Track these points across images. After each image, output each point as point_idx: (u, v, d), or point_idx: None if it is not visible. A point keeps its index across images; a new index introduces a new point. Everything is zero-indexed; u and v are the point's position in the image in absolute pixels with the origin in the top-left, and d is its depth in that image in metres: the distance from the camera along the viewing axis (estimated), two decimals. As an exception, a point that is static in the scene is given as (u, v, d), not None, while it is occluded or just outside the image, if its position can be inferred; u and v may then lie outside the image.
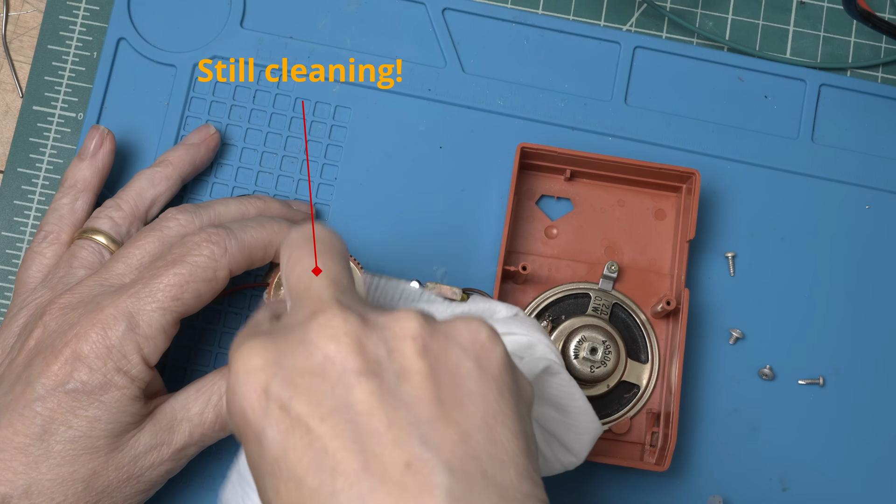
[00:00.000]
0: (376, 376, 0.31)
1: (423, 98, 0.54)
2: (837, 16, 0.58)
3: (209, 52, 0.54)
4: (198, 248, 0.42)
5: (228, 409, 0.33)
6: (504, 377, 0.32)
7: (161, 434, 0.42)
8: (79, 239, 0.47)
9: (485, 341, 0.33)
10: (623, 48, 0.55)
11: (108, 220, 0.47)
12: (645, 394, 0.52)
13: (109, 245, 0.46)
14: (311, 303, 0.33)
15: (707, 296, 0.53)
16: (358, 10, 0.56)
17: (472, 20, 0.56)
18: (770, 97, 0.56)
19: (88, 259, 0.46)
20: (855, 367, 0.53)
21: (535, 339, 0.42)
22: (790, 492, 0.52)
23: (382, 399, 0.30)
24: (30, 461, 0.40)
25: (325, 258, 0.35)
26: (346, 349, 0.31)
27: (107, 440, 0.41)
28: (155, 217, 0.48)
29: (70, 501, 0.40)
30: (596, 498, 0.51)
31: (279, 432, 0.30)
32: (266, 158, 0.54)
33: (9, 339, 0.44)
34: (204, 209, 0.47)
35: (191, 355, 0.52)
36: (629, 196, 0.54)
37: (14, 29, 0.56)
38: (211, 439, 0.44)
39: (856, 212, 0.55)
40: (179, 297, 0.42)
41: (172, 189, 0.49)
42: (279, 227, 0.45)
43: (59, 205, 0.48)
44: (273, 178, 0.54)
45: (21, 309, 0.45)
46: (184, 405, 0.43)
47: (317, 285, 0.34)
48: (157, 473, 0.43)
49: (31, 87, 0.55)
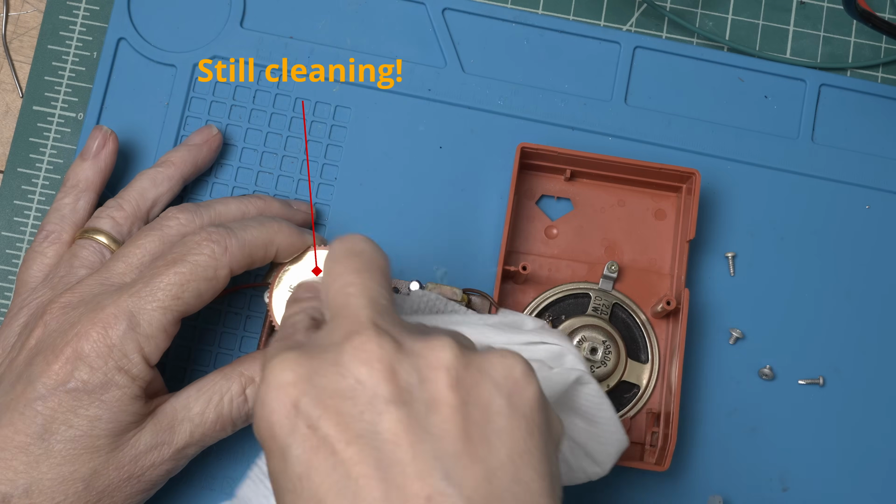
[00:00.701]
0: (406, 405, 0.31)
1: (423, 98, 0.54)
2: (837, 16, 0.58)
3: (209, 52, 0.54)
4: (198, 248, 0.42)
5: (256, 419, 0.32)
6: (535, 416, 0.32)
7: (162, 434, 0.42)
8: (80, 238, 0.47)
9: (518, 378, 0.32)
10: (623, 48, 0.55)
11: (109, 220, 0.47)
12: (645, 394, 0.52)
13: (110, 245, 0.46)
14: (348, 322, 0.33)
15: (707, 296, 0.53)
16: (358, 10, 0.56)
17: (472, 20, 0.56)
18: (770, 97, 0.56)
19: (89, 259, 0.46)
20: (855, 367, 0.53)
21: (566, 349, 0.42)
22: (790, 492, 0.52)
23: (409, 429, 0.30)
24: (30, 460, 0.40)
25: (364, 276, 0.35)
26: (378, 375, 0.31)
27: (108, 439, 0.41)
28: (156, 217, 0.48)
29: (70, 501, 0.40)
30: (596, 497, 0.51)
31: (305, 451, 0.30)
32: (266, 158, 0.54)
33: (9, 338, 0.44)
34: (204, 208, 0.47)
35: (191, 355, 0.52)
36: (629, 196, 0.54)
37: (14, 29, 0.56)
38: (211, 439, 0.44)
39: (856, 212, 0.55)
40: (180, 296, 0.42)
41: (174, 189, 0.49)
42: (279, 227, 0.45)
43: (60, 204, 0.48)
44: (273, 178, 0.54)
45: (21, 308, 0.45)
46: (185, 405, 0.43)
47: (354, 304, 0.34)
48: (158, 473, 0.43)
49: (31, 87, 0.55)
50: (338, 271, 0.35)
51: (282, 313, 0.46)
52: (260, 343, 0.49)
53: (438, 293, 0.49)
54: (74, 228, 0.48)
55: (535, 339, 0.42)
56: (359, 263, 0.35)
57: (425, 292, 0.46)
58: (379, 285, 0.35)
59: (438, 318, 0.44)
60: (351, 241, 0.37)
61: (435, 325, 0.37)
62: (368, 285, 0.35)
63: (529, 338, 0.41)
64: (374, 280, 0.35)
